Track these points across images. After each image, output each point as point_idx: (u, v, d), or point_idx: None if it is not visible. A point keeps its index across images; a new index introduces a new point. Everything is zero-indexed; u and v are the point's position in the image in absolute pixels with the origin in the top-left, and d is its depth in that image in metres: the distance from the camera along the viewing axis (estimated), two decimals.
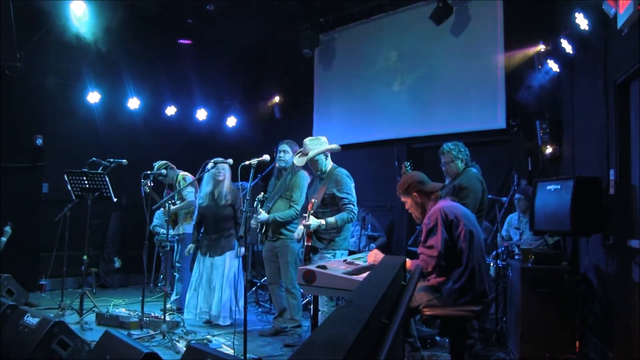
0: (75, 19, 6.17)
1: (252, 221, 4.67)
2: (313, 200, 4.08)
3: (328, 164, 4.36)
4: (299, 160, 4.35)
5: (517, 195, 5.30)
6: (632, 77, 3.62)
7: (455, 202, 3.38)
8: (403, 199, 3.45)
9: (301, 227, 4.14)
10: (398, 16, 7.52)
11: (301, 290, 4.54)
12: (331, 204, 4.12)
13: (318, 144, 4.30)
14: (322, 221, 4.00)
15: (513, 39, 6.18)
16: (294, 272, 4.59)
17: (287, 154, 4.76)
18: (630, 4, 3.23)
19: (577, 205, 3.75)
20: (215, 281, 5.12)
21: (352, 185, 4.20)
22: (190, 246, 5.36)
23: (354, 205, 4.13)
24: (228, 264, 5.17)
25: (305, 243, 4.03)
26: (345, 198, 4.09)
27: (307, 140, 4.34)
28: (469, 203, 4.06)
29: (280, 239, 4.67)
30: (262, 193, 4.59)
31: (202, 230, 5.40)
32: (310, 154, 4.24)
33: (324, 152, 4.30)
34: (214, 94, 8.67)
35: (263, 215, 4.63)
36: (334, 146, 4.34)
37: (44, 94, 6.98)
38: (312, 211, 4.05)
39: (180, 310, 5.69)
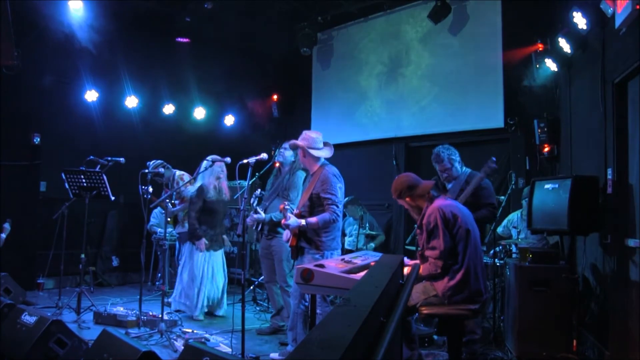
0: (72, 16, 6.15)
1: (248, 219, 4.65)
2: (285, 202, 4.05)
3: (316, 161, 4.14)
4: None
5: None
6: (630, 76, 3.62)
7: (451, 200, 3.40)
8: (399, 202, 3.50)
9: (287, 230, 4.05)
10: (396, 15, 7.52)
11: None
12: (317, 204, 3.97)
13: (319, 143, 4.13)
14: (302, 221, 3.86)
15: (511, 38, 6.19)
16: (288, 271, 4.63)
17: (288, 151, 4.75)
18: (628, 3, 3.23)
19: (574, 204, 3.76)
20: (216, 274, 5.45)
21: (339, 185, 4.00)
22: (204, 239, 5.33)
23: (337, 207, 3.94)
24: (221, 257, 5.59)
25: (290, 244, 3.96)
26: (329, 199, 3.90)
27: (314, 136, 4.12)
28: (494, 202, 4.18)
29: (276, 237, 4.66)
30: (259, 190, 4.53)
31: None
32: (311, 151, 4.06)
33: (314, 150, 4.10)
34: (212, 93, 8.65)
35: (260, 215, 4.63)
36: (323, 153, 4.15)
37: (41, 92, 6.95)
38: (290, 209, 3.97)
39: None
